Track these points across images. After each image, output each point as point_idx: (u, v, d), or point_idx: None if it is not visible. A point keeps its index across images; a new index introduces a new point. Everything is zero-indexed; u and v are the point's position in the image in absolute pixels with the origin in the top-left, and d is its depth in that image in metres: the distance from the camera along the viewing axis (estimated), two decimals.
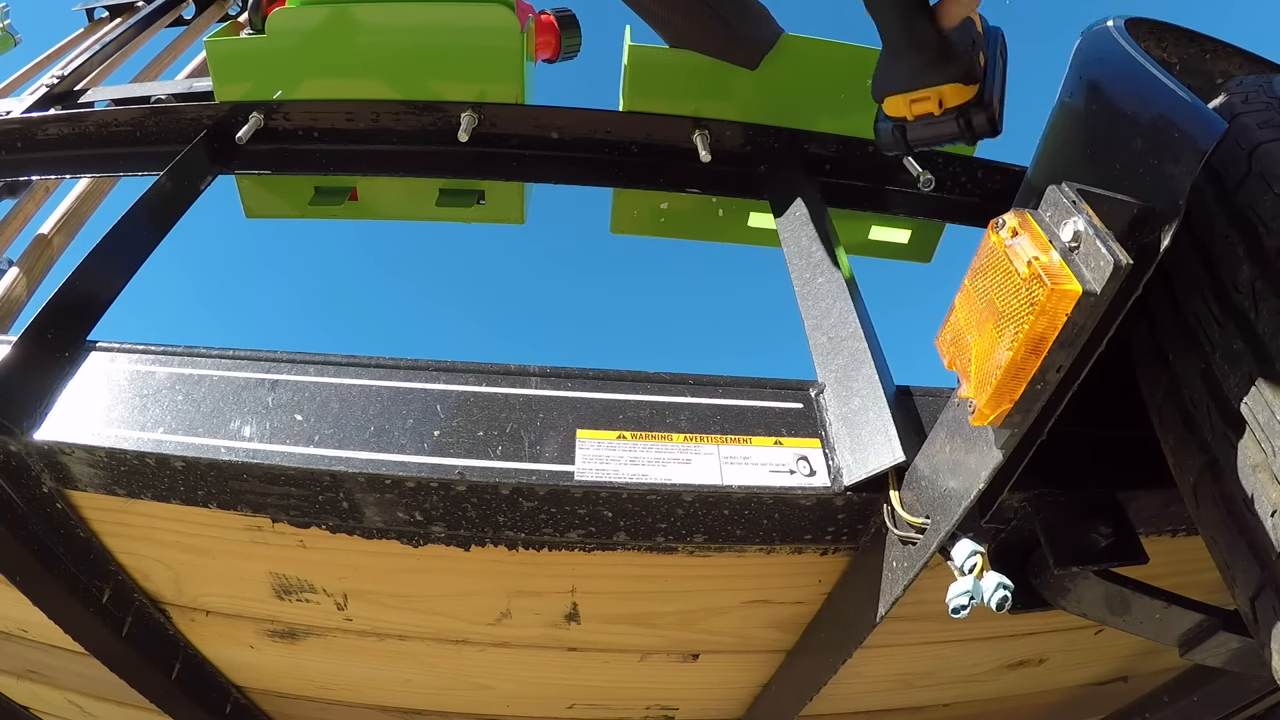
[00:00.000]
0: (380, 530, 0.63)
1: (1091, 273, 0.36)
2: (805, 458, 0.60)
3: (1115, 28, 0.55)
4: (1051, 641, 0.90)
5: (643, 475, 0.58)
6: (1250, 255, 0.44)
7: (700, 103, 1.04)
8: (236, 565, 0.71)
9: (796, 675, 0.83)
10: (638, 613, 0.74)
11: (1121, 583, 0.57)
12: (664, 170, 1.06)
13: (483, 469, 0.57)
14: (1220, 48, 0.68)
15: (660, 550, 0.64)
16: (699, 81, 1.03)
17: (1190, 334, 0.48)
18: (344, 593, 0.73)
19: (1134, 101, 0.44)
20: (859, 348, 0.67)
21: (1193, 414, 0.48)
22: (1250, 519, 0.44)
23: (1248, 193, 0.46)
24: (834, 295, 0.76)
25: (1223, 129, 0.38)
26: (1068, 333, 0.38)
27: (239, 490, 0.60)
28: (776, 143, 1.05)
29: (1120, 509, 0.58)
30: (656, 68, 1.03)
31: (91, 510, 0.67)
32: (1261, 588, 0.44)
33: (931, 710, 1.04)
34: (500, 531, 0.61)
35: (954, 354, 0.44)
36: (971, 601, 0.56)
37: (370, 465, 0.56)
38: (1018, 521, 0.60)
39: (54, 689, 1.02)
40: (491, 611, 0.74)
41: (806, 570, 0.69)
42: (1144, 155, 0.41)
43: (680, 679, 0.88)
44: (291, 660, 0.86)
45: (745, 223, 1.17)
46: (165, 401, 0.60)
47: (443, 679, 0.89)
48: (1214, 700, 0.97)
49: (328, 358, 0.63)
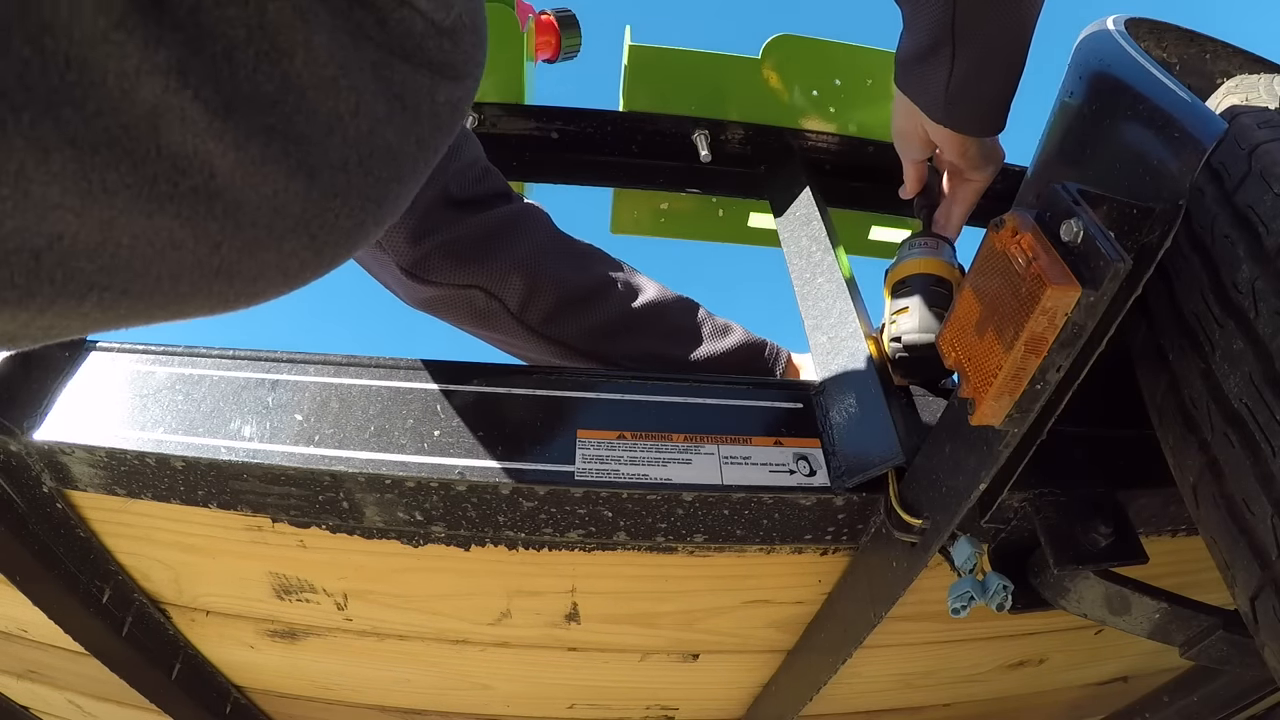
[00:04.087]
0: (380, 530, 0.63)
1: (1091, 273, 0.36)
2: (805, 458, 0.60)
3: (1115, 28, 0.55)
4: (1051, 641, 0.90)
5: (643, 475, 0.58)
6: (1250, 255, 0.44)
7: (700, 103, 1.04)
8: (236, 565, 0.71)
9: (796, 675, 0.83)
10: (638, 613, 0.74)
11: (1121, 583, 0.57)
12: (664, 170, 1.06)
13: (483, 469, 0.57)
14: (1220, 48, 0.68)
15: (660, 550, 0.64)
16: (699, 81, 1.03)
17: (1190, 334, 0.48)
18: (344, 593, 0.73)
19: (1134, 101, 0.44)
20: (859, 348, 0.68)
21: (1193, 414, 0.48)
22: (1250, 519, 0.44)
23: (1248, 193, 0.46)
24: (834, 295, 0.76)
25: (1223, 129, 0.38)
26: (1068, 333, 0.38)
27: (239, 490, 0.60)
28: (776, 143, 1.05)
29: (1120, 509, 0.58)
30: (656, 68, 1.03)
31: (91, 510, 0.67)
32: (1261, 588, 0.44)
33: (931, 710, 1.04)
34: (500, 531, 0.61)
35: (954, 354, 0.44)
36: (971, 601, 0.56)
37: (370, 465, 0.56)
38: (1018, 521, 0.60)
39: (54, 689, 1.02)
40: (492, 611, 0.74)
41: (806, 570, 0.69)
42: (1144, 155, 0.41)
43: (680, 679, 0.88)
44: (291, 660, 0.86)
45: (745, 223, 1.18)
46: (165, 401, 0.60)
47: (443, 679, 0.89)
48: (1214, 700, 0.97)
49: (328, 358, 0.63)
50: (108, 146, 0.25)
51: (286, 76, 0.29)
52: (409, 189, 0.37)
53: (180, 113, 0.26)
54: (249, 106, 0.28)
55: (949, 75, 0.61)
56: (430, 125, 0.36)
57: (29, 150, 0.23)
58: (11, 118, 0.22)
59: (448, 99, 0.37)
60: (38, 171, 0.23)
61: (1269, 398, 0.42)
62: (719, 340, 0.83)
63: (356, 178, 0.33)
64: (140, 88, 0.25)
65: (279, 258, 0.32)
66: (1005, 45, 0.59)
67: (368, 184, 0.34)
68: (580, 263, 0.80)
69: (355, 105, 0.32)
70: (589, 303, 0.78)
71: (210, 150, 0.27)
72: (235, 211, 0.29)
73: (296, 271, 0.33)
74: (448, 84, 0.37)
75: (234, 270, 0.31)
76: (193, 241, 0.29)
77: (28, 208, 0.24)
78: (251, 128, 0.28)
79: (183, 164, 0.27)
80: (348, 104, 0.31)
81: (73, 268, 0.26)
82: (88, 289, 0.27)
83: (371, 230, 0.36)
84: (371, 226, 0.35)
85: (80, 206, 0.25)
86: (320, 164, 0.31)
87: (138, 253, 0.27)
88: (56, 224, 0.25)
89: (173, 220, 0.27)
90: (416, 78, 0.35)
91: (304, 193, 0.31)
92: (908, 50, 0.64)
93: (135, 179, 0.26)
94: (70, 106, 0.23)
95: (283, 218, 0.31)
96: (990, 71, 0.61)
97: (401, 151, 0.35)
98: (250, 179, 0.29)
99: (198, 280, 0.30)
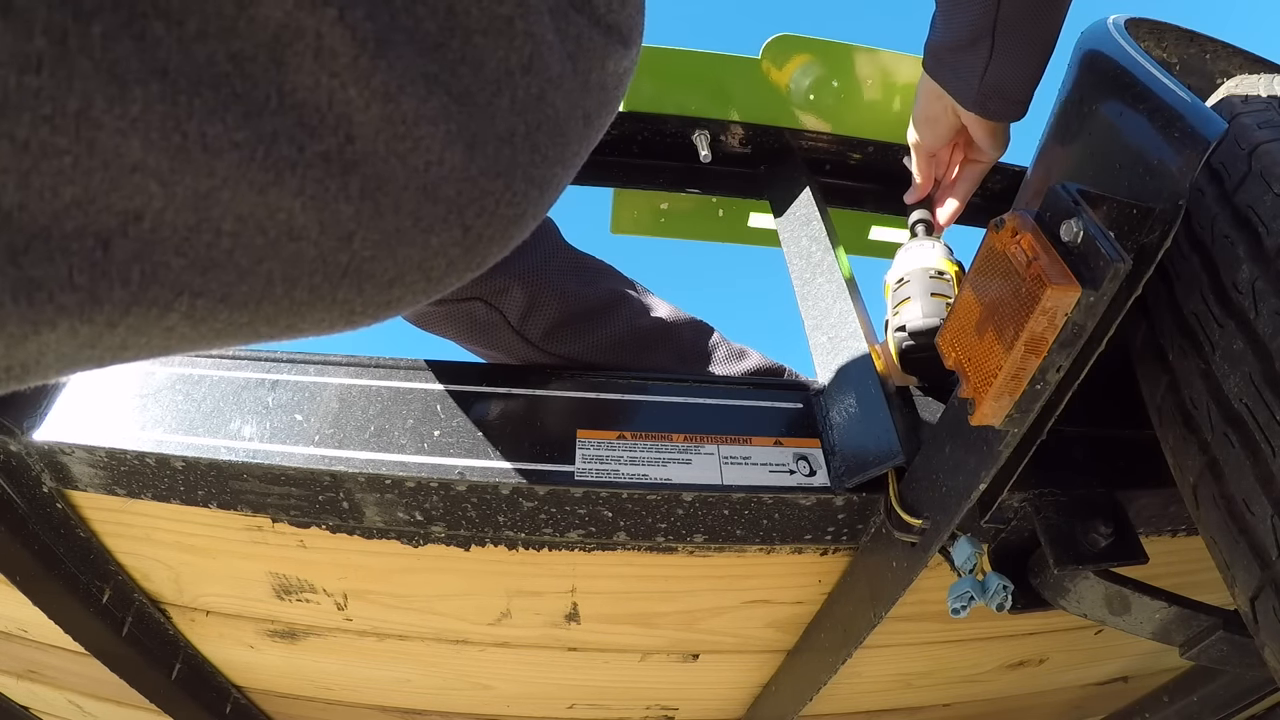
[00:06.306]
0: (380, 530, 0.63)
1: (1091, 273, 0.36)
2: (805, 458, 0.60)
3: (1115, 27, 0.55)
4: (1051, 641, 0.90)
5: (643, 475, 0.58)
6: (1250, 255, 0.44)
7: (700, 103, 1.04)
8: (236, 565, 0.71)
9: (796, 675, 0.83)
10: (638, 613, 0.74)
11: (1121, 583, 0.57)
12: (664, 170, 1.06)
13: (483, 469, 0.57)
14: (1220, 48, 0.68)
15: (660, 550, 0.64)
16: (699, 81, 1.03)
17: (1190, 334, 0.48)
18: (344, 593, 0.73)
19: (1134, 101, 0.44)
20: (859, 348, 0.68)
21: (1193, 414, 0.48)
22: (1250, 519, 0.44)
23: (1248, 193, 0.46)
24: (834, 295, 0.76)
25: (1223, 129, 0.38)
26: (1067, 333, 0.38)
27: (239, 490, 0.60)
28: (776, 143, 1.05)
29: (1120, 509, 0.58)
30: (656, 68, 1.03)
31: (91, 510, 0.67)
32: (1261, 588, 0.44)
33: (931, 710, 1.04)
34: (500, 531, 0.61)
35: (954, 354, 0.44)
36: (971, 601, 0.56)
37: (370, 465, 0.56)
38: (1018, 521, 0.60)
39: (54, 689, 1.02)
40: (492, 611, 0.74)
41: (806, 570, 0.69)
42: (1144, 155, 0.41)
43: (680, 679, 0.88)
44: (291, 660, 0.86)
45: (745, 223, 1.18)
46: (165, 401, 0.60)
47: (443, 679, 0.89)
48: (1214, 700, 0.97)
49: (328, 358, 0.63)
50: (211, 86, 0.17)
51: (453, 11, 0.22)
52: (569, 174, 0.30)
53: (317, 40, 0.18)
54: (406, 44, 0.21)
55: (985, 67, 0.64)
56: (598, 98, 0.30)
57: (99, 80, 0.15)
58: (76, 28, 0.15)
59: (615, 68, 0.31)
60: (110, 114, 0.16)
61: (1269, 398, 0.42)
62: (734, 364, 0.81)
63: (523, 154, 0.26)
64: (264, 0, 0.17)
65: (424, 255, 0.24)
66: (1040, 42, 0.62)
67: (533, 162, 0.26)
68: (586, 277, 0.77)
69: (529, 58, 0.25)
70: (594, 319, 0.75)
71: (351, 99, 0.20)
72: (375, 191, 0.21)
73: (442, 273, 0.26)
74: (618, 49, 0.31)
75: (367, 270, 0.23)
76: (318, 230, 0.21)
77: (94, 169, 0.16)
78: (407, 73, 0.21)
79: (312, 117, 0.19)
80: (520, 55, 0.24)
81: (155, 262, 0.18)
82: (175, 294, 0.19)
83: (529, 224, 0.28)
84: (530, 220, 0.28)
85: (168, 172, 0.17)
86: (484, 132, 0.24)
87: (243, 243, 0.20)
88: (134, 196, 0.17)
89: (294, 199, 0.20)
90: (592, 34, 0.28)
91: (462, 168, 0.23)
92: (942, 41, 0.66)
93: (247, 134, 0.18)
94: (162, 20, 0.16)
95: (433, 202, 0.23)
96: (1024, 65, 0.64)
97: (569, 126, 0.28)
98: (399, 145, 0.21)
99: (320, 285, 0.22)
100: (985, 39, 0.62)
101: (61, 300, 0.17)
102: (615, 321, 0.76)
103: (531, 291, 0.72)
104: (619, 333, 0.76)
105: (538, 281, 0.73)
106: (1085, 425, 0.61)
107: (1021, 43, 0.62)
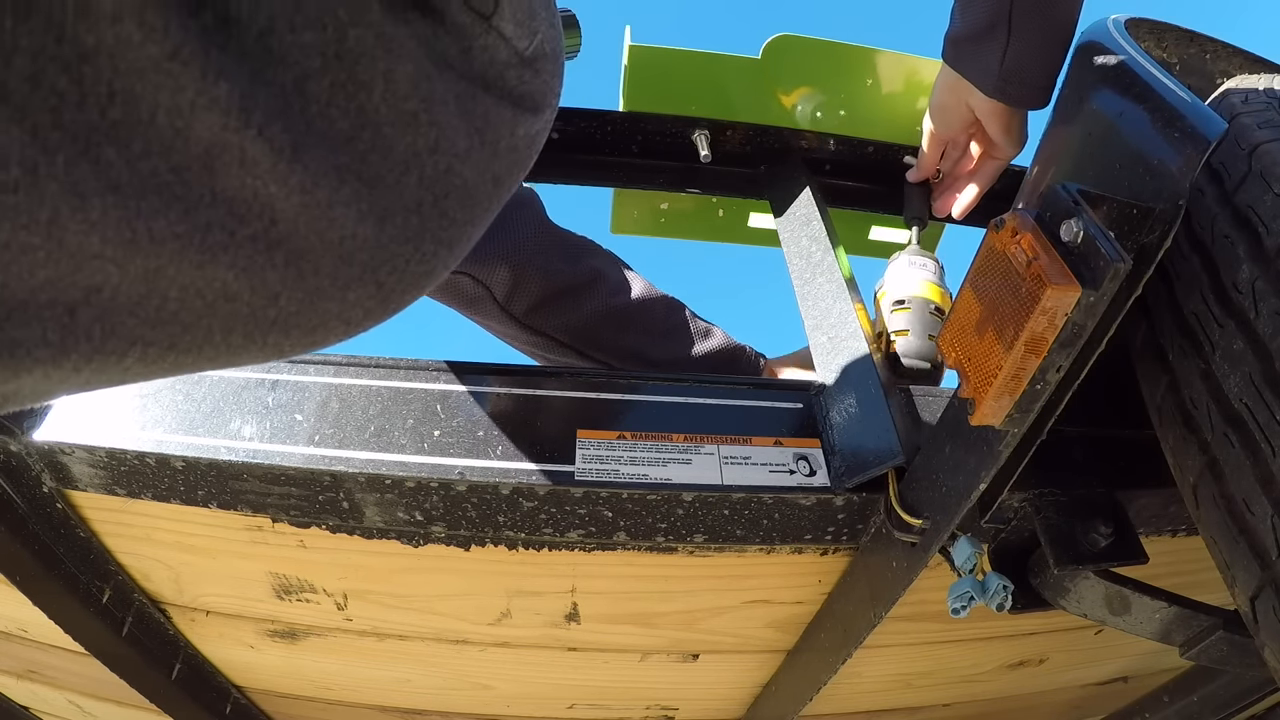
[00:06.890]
0: (380, 530, 0.63)
1: (1091, 273, 0.36)
2: (805, 458, 0.60)
3: (1115, 27, 0.55)
4: (1051, 641, 0.90)
5: (643, 475, 0.58)
6: (1250, 255, 0.44)
7: (700, 103, 1.04)
8: (236, 565, 0.71)
9: (796, 675, 0.83)
10: (638, 613, 0.74)
11: (1121, 583, 0.57)
12: (664, 170, 1.06)
13: (483, 469, 0.57)
14: (1220, 48, 0.68)
15: (660, 550, 0.64)
16: (699, 81, 1.03)
17: (1190, 334, 0.48)
18: (344, 593, 0.73)
19: (1134, 101, 0.44)
20: (859, 348, 0.68)
21: (1193, 414, 0.48)
22: (1250, 519, 0.44)
23: (1248, 193, 0.46)
24: (834, 295, 0.76)
25: (1223, 129, 0.38)
26: (1068, 333, 0.38)
27: (239, 490, 0.60)
28: (776, 143, 1.05)
29: (1120, 509, 0.58)
30: (656, 68, 1.03)
31: (91, 510, 0.67)
32: (1261, 588, 0.44)
33: (931, 710, 1.04)
34: (500, 531, 0.61)
35: (954, 354, 0.44)
36: (971, 601, 0.56)
37: (370, 465, 0.56)
38: (1018, 521, 0.60)
39: (54, 689, 1.02)
40: (492, 611, 0.74)
41: (806, 570, 0.69)
42: (1144, 155, 0.41)
43: (680, 679, 0.88)
44: (291, 660, 0.86)
45: (745, 223, 1.18)
46: (165, 401, 0.60)
47: (443, 679, 0.89)
48: (1214, 700, 0.97)
49: (328, 358, 0.63)
50: (155, 192, 0.22)
51: (363, 111, 0.26)
52: (480, 230, 0.34)
53: (240, 153, 0.23)
54: (319, 145, 0.25)
55: (1004, 53, 0.66)
56: (508, 162, 0.34)
57: (64, 196, 0.20)
58: (44, 160, 0.19)
59: (526, 133, 0.34)
60: (74, 220, 0.20)
61: (1269, 398, 0.42)
62: (702, 342, 0.86)
63: (430, 220, 0.30)
64: (195, 125, 0.22)
65: (342, 307, 0.29)
66: (1057, 26, 0.64)
67: (441, 226, 0.31)
68: (569, 255, 0.81)
69: (435, 141, 0.29)
70: (574, 296, 0.80)
71: (273, 194, 0.24)
72: (297, 260, 0.26)
73: (360, 320, 0.31)
74: (528, 117, 0.34)
75: (292, 322, 0.28)
76: (249, 293, 0.26)
77: (61, 258, 0.21)
78: (321, 169, 0.25)
79: (241, 210, 0.24)
80: (427, 140, 0.28)
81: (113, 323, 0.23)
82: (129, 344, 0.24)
83: (440, 274, 0.33)
84: (440, 271, 0.32)
85: (122, 257, 0.22)
86: (393, 207, 0.28)
87: (186, 306, 0.24)
88: (95, 275, 0.22)
89: (227, 271, 0.24)
90: (499, 110, 0.32)
91: (373, 238, 0.28)
92: (960, 30, 0.69)
93: (186, 227, 0.23)
94: (113, 147, 0.20)
95: (348, 265, 0.28)
96: (1042, 50, 0.65)
97: (477, 191, 0.32)
98: (316, 225, 0.26)
99: (252, 332, 0.27)
100: (1002, 24, 0.64)
101: (38, 354, 0.22)
102: (594, 299, 0.81)
103: (516, 270, 0.77)
104: (597, 309, 0.81)
105: (523, 260, 0.77)
106: (1085, 425, 0.61)
107: (1038, 27, 0.63)
